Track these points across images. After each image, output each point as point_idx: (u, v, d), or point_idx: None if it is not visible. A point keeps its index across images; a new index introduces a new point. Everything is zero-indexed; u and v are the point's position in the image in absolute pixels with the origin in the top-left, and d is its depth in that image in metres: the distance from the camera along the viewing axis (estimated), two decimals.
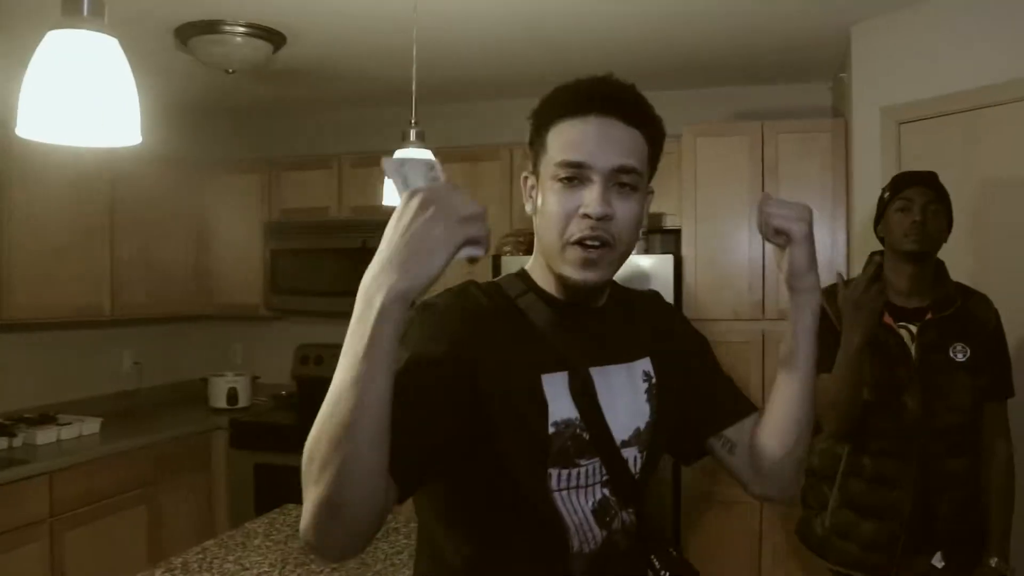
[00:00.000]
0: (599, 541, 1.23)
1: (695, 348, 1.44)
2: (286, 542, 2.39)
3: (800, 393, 1.30)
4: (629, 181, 1.19)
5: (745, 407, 1.38)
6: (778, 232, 1.22)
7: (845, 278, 2.17)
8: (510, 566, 1.22)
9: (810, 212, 1.23)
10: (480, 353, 1.17)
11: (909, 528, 2.11)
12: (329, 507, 0.95)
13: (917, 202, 2.14)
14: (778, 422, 1.30)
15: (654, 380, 1.33)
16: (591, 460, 1.22)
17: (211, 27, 3.12)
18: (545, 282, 1.28)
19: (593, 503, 1.23)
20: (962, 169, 2.84)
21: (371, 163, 4.37)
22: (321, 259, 4.35)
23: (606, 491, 1.24)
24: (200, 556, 2.25)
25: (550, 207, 1.20)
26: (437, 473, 1.14)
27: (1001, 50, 2.79)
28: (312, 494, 0.97)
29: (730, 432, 1.35)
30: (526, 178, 1.30)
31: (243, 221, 4.55)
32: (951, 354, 2.12)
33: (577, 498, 1.22)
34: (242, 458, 4.17)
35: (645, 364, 1.33)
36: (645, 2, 3.05)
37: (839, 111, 3.90)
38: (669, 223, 3.95)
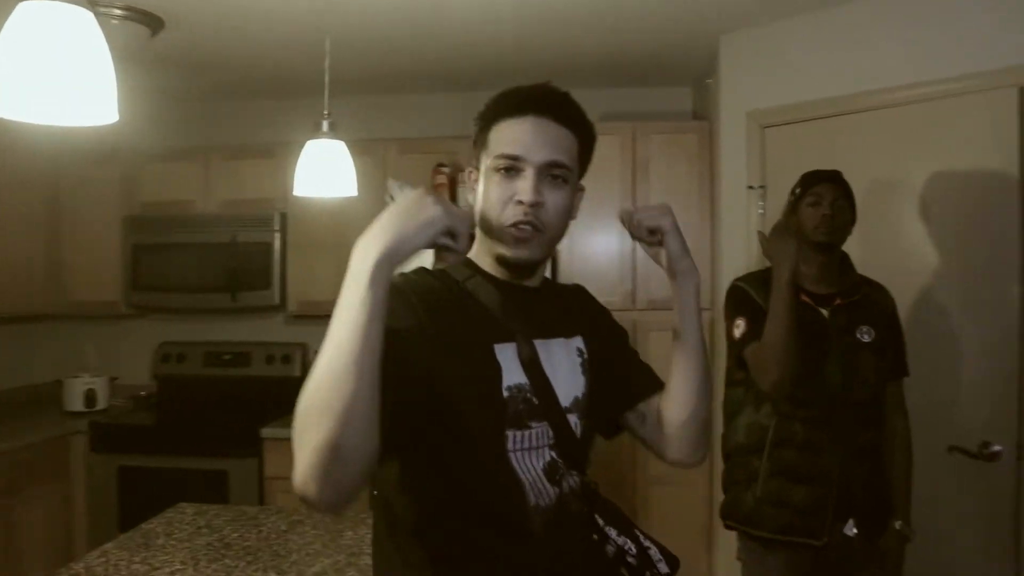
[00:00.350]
0: (552, 498, 1.33)
1: (615, 334, 1.58)
2: (191, 539, 2.33)
3: (695, 362, 1.45)
4: (559, 174, 1.34)
5: (655, 383, 1.52)
6: (652, 231, 1.39)
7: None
8: (473, 523, 1.30)
9: (670, 208, 1.41)
10: (438, 327, 1.27)
11: (837, 493, 2.25)
12: (331, 448, 1.03)
13: (826, 197, 2.32)
14: (679, 391, 1.45)
15: (586, 356, 1.46)
16: (540, 423, 1.34)
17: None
18: (489, 266, 1.40)
19: (544, 464, 1.34)
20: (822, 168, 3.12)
21: (241, 156, 4.26)
22: (188, 254, 4.19)
23: (553, 453, 1.35)
24: (103, 560, 2.16)
25: (490, 194, 1.34)
26: (405, 436, 1.20)
27: (854, 64, 3.09)
28: (311, 440, 1.04)
29: (642, 406, 1.50)
30: (470, 172, 1.43)
31: (100, 215, 4.30)
32: (858, 335, 2.31)
33: (529, 458, 1.33)
34: (104, 462, 3.95)
35: (578, 342, 1.47)
36: (526, 5, 3.14)
37: (700, 114, 4.16)
38: None
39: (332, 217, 4.10)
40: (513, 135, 1.34)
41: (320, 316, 4.57)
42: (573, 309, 1.53)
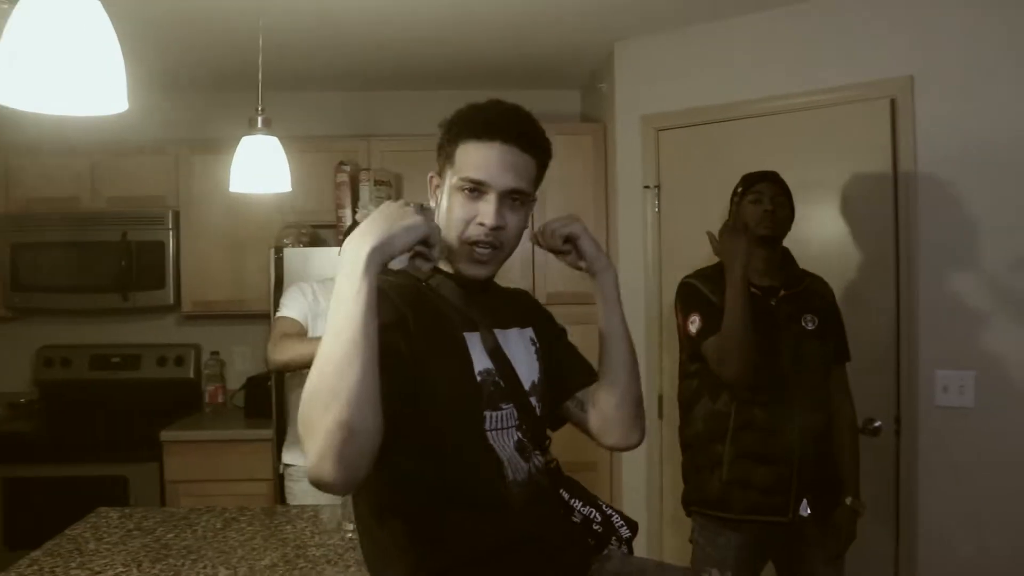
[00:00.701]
0: (525, 473, 1.46)
1: (556, 331, 1.72)
2: (124, 542, 2.29)
3: (623, 348, 1.59)
4: (519, 198, 1.45)
5: (592, 374, 1.65)
6: (565, 240, 1.54)
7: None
8: (456, 501, 1.40)
9: (577, 216, 1.57)
10: (416, 320, 1.37)
11: (799, 471, 2.39)
12: (341, 428, 1.11)
13: (767, 194, 2.48)
14: (612, 376, 1.59)
15: (538, 345, 1.60)
16: (508, 405, 1.46)
17: None
18: (447, 266, 1.50)
19: (514, 442, 1.46)
20: (710, 171, 3.36)
21: (128, 152, 4.12)
22: (75, 253, 4.02)
23: (519, 433, 1.47)
24: (35, 568, 2.10)
25: (454, 212, 1.44)
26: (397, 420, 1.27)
27: (741, 73, 3.34)
28: (322, 424, 1.12)
29: (580, 394, 1.64)
30: (432, 178, 1.53)
31: None
32: (803, 323, 2.47)
33: (503, 437, 1.45)
34: None
35: (531, 332, 1.61)
36: (432, 7, 3.20)
37: (589, 116, 4.36)
38: None
39: (226, 216, 4.06)
40: (479, 160, 1.42)
41: (215, 316, 4.54)
42: (522, 305, 1.67)
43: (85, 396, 4.25)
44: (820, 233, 3.08)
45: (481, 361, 1.45)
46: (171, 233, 4.05)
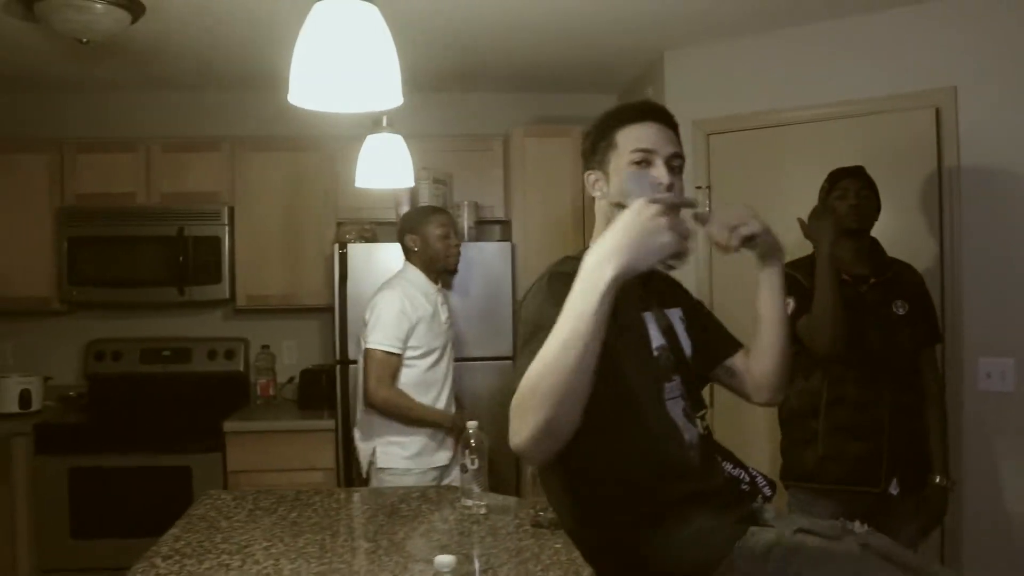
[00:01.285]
0: (695, 436, 1.66)
1: (701, 307, 1.93)
2: (255, 520, 2.37)
3: (781, 335, 1.78)
4: (678, 164, 1.67)
5: (736, 344, 1.88)
6: (747, 239, 1.65)
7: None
8: (646, 461, 1.60)
9: (751, 208, 1.68)
10: None
11: (890, 446, 2.56)
12: (549, 426, 1.28)
13: (851, 189, 2.67)
14: (768, 353, 1.79)
15: (687, 322, 1.80)
16: (676, 377, 1.67)
17: None
18: None
19: (682, 409, 1.67)
20: (759, 174, 3.58)
21: (185, 148, 4.21)
22: (131, 248, 4.10)
23: (684, 402, 1.68)
24: (183, 543, 2.20)
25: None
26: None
27: (790, 81, 3.55)
28: (533, 417, 1.28)
29: (728, 362, 1.85)
30: (589, 175, 1.74)
31: (27, 206, 4.12)
32: (893, 308, 2.66)
33: (675, 406, 1.66)
34: (52, 464, 3.82)
35: (680, 312, 1.81)
36: (483, 11, 3.31)
37: None
38: (497, 214, 4.34)
39: (280, 212, 4.18)
40: (642, 135, 1.66)
41: (265, 310, 4.66)
42: (671, 287, 1.87)
43: (135, 389, 4.33)
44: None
45: (657, 338, 1.67)
46: (226, 228, 4.15)
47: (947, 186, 3.20)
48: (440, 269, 3.19)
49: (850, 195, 2.68)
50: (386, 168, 2.72)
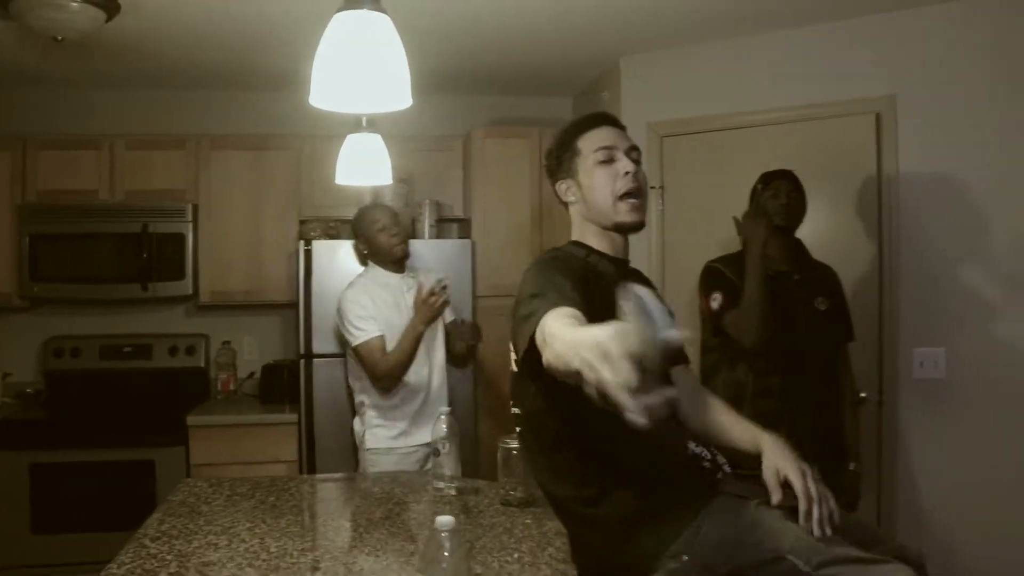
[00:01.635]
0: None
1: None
2: (234, 504, 2.46)
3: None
4: (636, 156, 1.85)
5: (685, 357, 2.09)
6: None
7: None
8: (623, 431, 1.68)
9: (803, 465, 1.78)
10: (583, 286, 1.67)
11: (811, 437, 2.63)
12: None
13: (783, 190, 2.86)
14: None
15: None
16: None
17: None
18: (599, 245, 1.86)
19: None
20: (709, 175, 3.76)
21: (149, 146, 4.25)
22: (93, 244, 4.11)
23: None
24: (167, 526, 2.27)
25: (600, 179, 1.82)
26: None
27: (738, 87, 3.74)
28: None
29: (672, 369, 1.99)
30: (558, 185, 1.90)
31: None
32: (816, 304, 2.84)
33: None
34: (11, 460, 3.82)
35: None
36: (445, 15, 3.41)
37: None
38: (457, 212, 4.46)
39: (244, 209, 4.25)
40: (601, 137, 1.86)
41: (229, 306, 4.69)
42: (646, 283, 1.99)
43: (94, 385, 4.34)
44: (812, 231, 3.48)
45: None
46: (190, 225, 4.20)
47: (886, 189, 3.41)
48: (391, 260, 3.36)
49: (781, 195, 2.87)
50: (365, 166, 2.83)
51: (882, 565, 1.46)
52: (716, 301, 2.81)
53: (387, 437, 3.25)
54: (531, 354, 1.46)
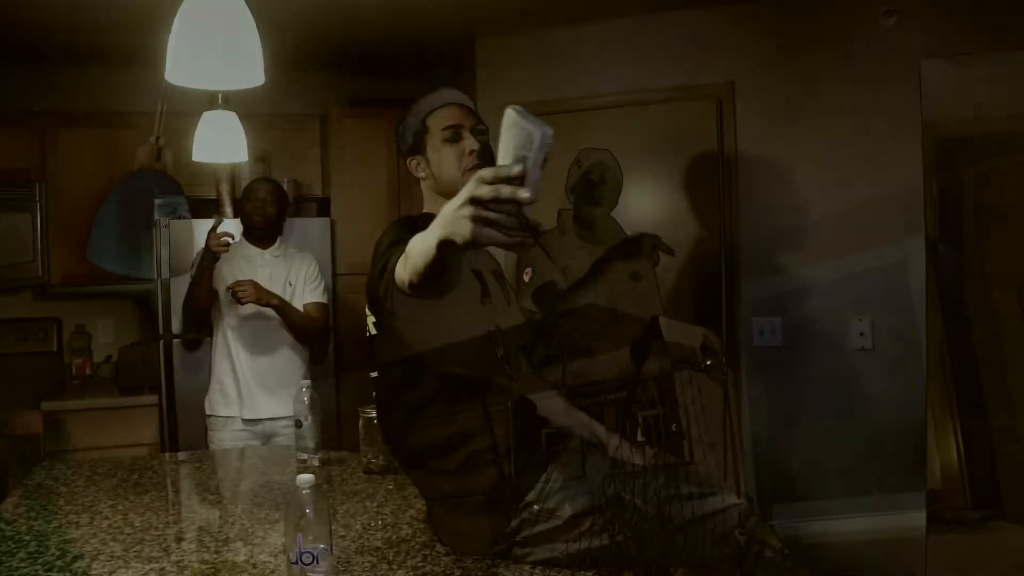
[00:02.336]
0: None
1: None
2: (95, 483, 2.41)
3: None
4: (482, 134, 1.92)
5: None
6: None
7: None
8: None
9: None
10: None
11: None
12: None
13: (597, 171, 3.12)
14: None
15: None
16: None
17: None
18: None
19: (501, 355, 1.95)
20: (566, 155, 3.93)
21: None
22: None
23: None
24: (24, 507, 2.23)
25: (447, 156, 1.90)
26: None
27: (591, 71, 3.92)
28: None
29: None
30: (410, 161, 1.97)
31: None
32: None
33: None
34: None
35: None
36: None
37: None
38: (315, 191, 4.47)
39: (97, 190, 4.12)
40: (447, 115, 1.91)
41: (81, 290, 4.52)
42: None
43: None
44: (660, 208, 3.74)
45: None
46: (37, 206, 4.04)
47: (725, 170, 3.68)
48: (252, 228, 3.46)
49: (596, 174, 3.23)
50: (222, 144, 2.83)
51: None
52: (528, 275, 3.00)
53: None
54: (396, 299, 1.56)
